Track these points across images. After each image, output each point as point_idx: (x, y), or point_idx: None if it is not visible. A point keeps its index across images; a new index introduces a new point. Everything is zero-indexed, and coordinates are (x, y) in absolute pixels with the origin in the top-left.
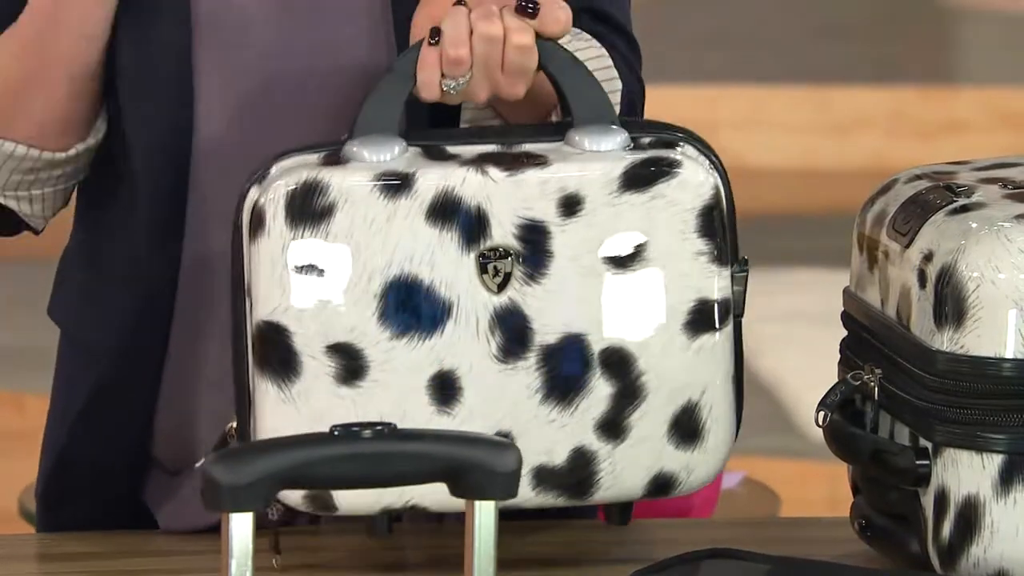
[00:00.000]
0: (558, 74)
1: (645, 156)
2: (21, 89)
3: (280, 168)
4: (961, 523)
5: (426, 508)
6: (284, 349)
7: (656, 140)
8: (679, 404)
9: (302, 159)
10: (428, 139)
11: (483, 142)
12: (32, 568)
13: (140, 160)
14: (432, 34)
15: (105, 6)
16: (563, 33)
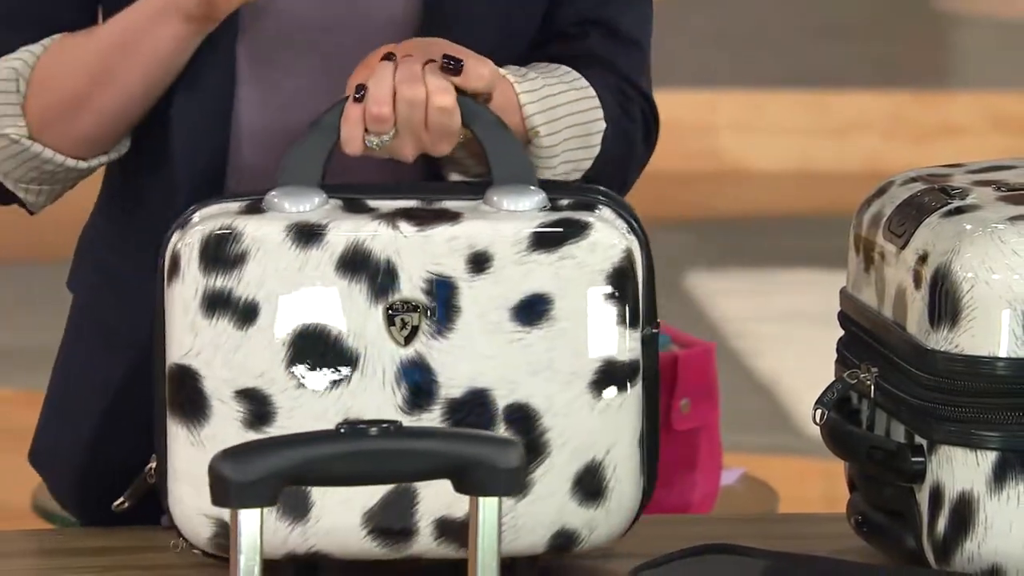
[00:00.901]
0: (480, 134)
1: (557, 217)
2: (76, 107)
3: (201, 215)
4: (956, 519)
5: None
6: (194, 392)
7: (574, 202)
8: (583, 462)
9: (224, 207)
10: (351, 192)
11: (404, 197)
12: (47, 563)
13: (181, 145)
14: (357, 90)
15: (195, 39)
16: (487, 89)
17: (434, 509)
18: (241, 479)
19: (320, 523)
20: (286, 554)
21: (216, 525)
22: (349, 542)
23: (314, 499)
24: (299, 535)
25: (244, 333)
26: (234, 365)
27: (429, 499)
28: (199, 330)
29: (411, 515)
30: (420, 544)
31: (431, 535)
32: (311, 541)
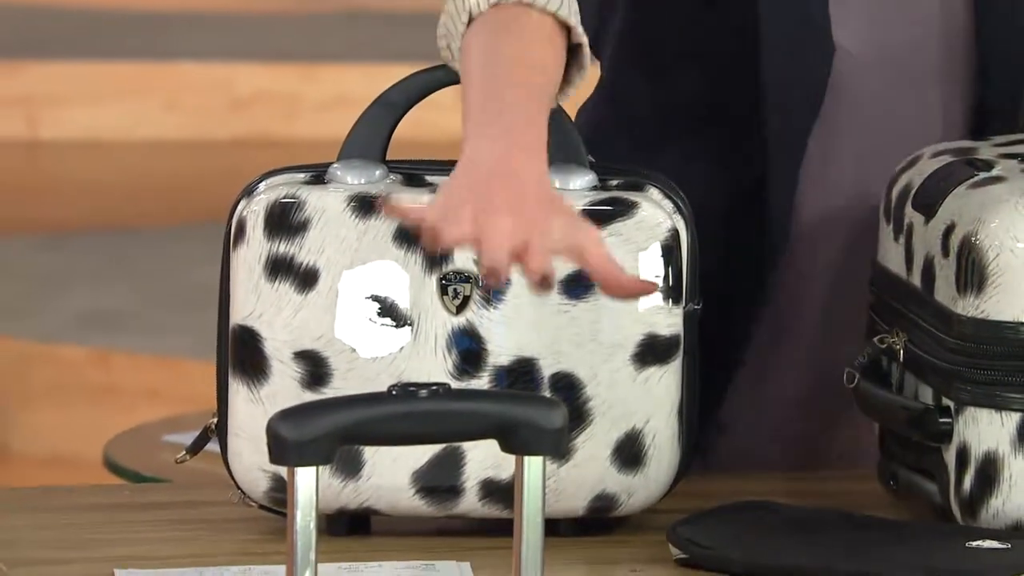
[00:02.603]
0: None
1: (606, 196)
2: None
3: (268, 183)
4: (981, 477)
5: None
6: (255, 352)
7: (624, 183)
8: (623, 431)
9: (290, 177)
10: (410, 167)
11: None
12: (116, 516)
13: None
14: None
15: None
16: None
17: (480, 470)
18: (298, 438)
19: (371, 480)
20: (339, 509)
21: (272, 480)
22: (398, 499)
23: (366, 458)
24: (351, 491)
25: (304, 297)
26: (294, 328)
27: (476, 460)
28: (261, 293)
29: (458, 475)
30: (466, 503)
31: (477, 495)
32: (362, 497)
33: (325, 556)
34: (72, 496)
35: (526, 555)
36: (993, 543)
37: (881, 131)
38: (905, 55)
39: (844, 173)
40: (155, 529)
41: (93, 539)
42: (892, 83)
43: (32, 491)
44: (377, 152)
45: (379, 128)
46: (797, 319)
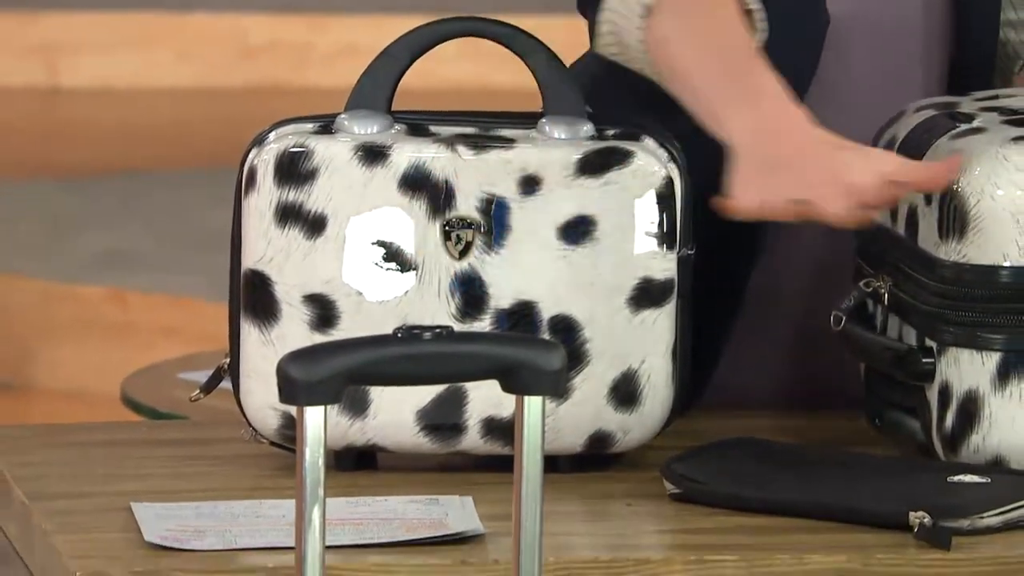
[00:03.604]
0: (534, 67)
1: (603, 145)
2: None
3: (277, 133)
4: (962, 415)
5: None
6: (266, 295)
7: (620, 132)
8: (619, 371)
9: (298, 127)
10: (415, 118)
11: (462, 124)
12: (131, 452)
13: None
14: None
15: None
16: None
17: (482, 408)
18: (307, 379)
19: (377, 419)
20: (346, 445)
21: (282, 417)
22: (403, 437)
23: (372, 397)
24: (358, 429)
25: (313, 243)
26: (303, 272)
27: (477, 399)
28: (272, 239)
29: (461, 413)
30: (468, 440)
31: (479, 432)
32: (369, 435)
33: (333, 491)
34: (90, 433)
35: (526, 490)
36: (974, 478)
37: (868, 89)
38: (889, 18)
39: (833, 129)
40: (169, 465)
41: (110, 474)
42: (878, 44)
43: (52, 427)
44: (383, 103)
45: (385, 80)
46: (788, 268)
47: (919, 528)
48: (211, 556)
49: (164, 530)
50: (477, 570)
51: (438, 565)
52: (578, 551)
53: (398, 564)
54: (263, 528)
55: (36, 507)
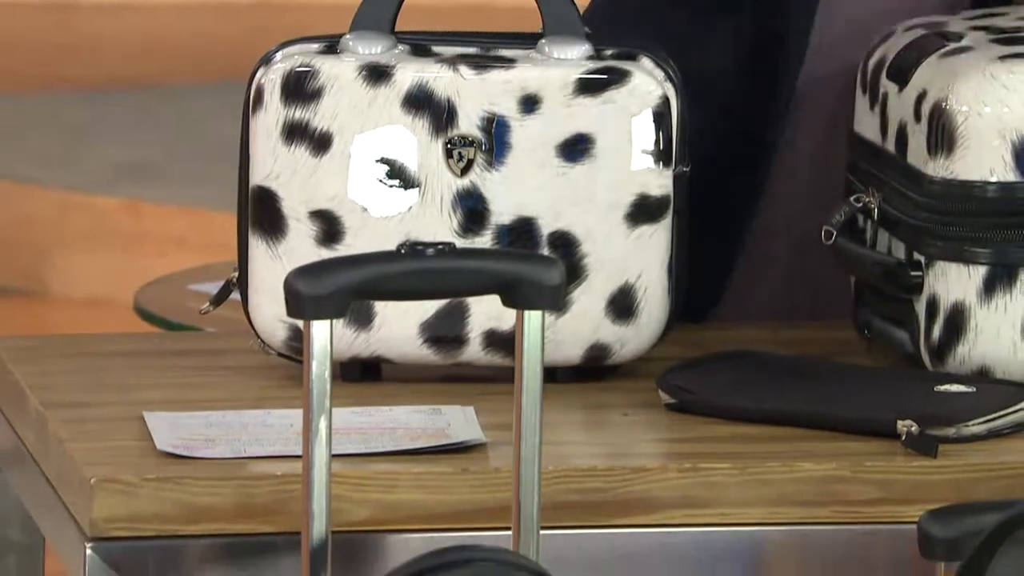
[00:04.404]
0: None
1: (600, 65)
2: None
3: (283, 53)
4: (950, 326)
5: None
6: (273, 211)
7: (617, 52)
8: (616, 285)
9: (304, 47)
10: (417, 38)
11: (464, 44)
12: (144, 363)
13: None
14: None
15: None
16: None
17: (483, 321)
18: (314, 294)
19: (382, 331)
20: (351, 357)
21: (290, 330)
22: (407, 348)
23: (377, 310)
24: (363, 341)
25: (318, 160)
26: (309, 188)
27: (479, 313)
28: (279, 156)
29: (463, 326)
30: (470, 352)
31: (480, 345)
32: (374, 347)
33: (339, 401)
34: (104, 344)
35: (526, 401)
36: (960, 387)
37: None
38: None
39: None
40: (181, 375)
41: (123, 384)
42: None
43: (67, 338)
44: (386, 24)
45: (389, 1)
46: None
47: (906, 436)
48: (221, 464)
49: (175, 438)
50: (478, 478)
51: (440, 473)
52: (576, 459)
53: (402, 472)
54: (271, 437)
55: (51, 415)
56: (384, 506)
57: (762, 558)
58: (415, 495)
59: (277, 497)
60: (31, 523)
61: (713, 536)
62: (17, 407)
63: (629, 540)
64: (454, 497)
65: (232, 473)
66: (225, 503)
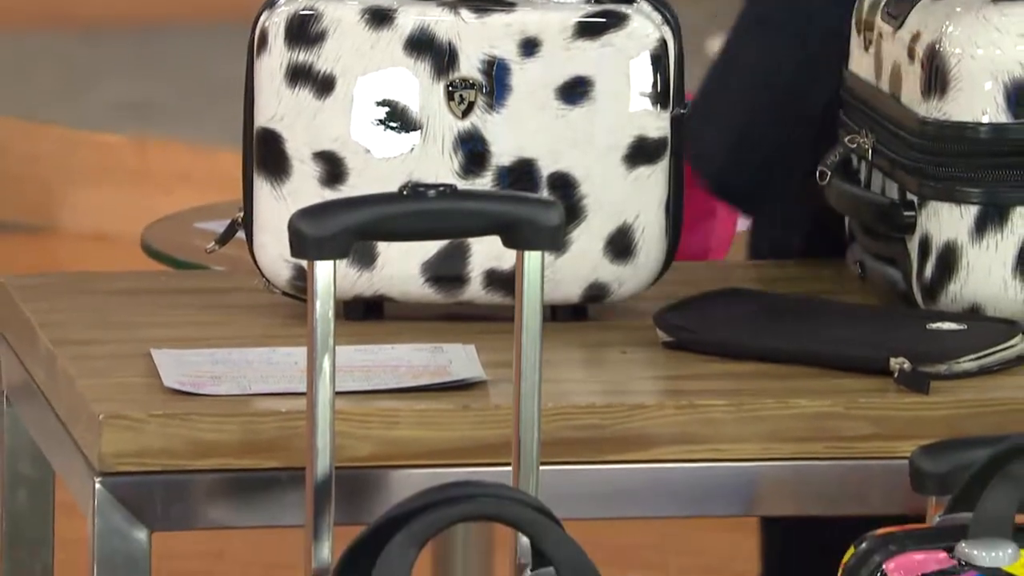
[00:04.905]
0: None
1: (599, 9)
2: None
3: None
4: (941, 265)
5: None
6: (277, 153)
7: None
8: (615, 225)
9: None
10: None
11: None
12: (153, 300)
13: None
14: None
15: None
16: None
17: (484, 261)
18: (317, 234)
19: (384, 270)
20: (354, 296)
21: (294, 269)
22: (409, 287)
23: (379, 250)
24: (366, 280)
25: (322, 102)
26: (312, 130)
27: (480, 252)
28: (283, 98)
29: (464, 266)
30: (471, 291)
31: (481, 284)
32: (376, 286)
33: (342, 339)
34: (112, 282)
35: (526, 339)
36: (951, 325)
37: None
38: None
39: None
40: (187, 313)
41: (131, 321)
42: None
43: (76, 276)
44: None
45: None
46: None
47: (899, 373)
48: (227, 400)
49: (182, 375)
50: (479, 415)
51: (442, 410)
52: (575, 397)
53: (404, 409)
54: (276, 374)
55: (61, 352)
56: (387, 442)
57: (757, 493)
58: (417, 431)
59: (282, 433)
60: (41, 457)
61: (709, 472)
62: (27, 344)
63: (627, 476)
64: (455, 433)
65: (238, 410)
66: (231, 439)
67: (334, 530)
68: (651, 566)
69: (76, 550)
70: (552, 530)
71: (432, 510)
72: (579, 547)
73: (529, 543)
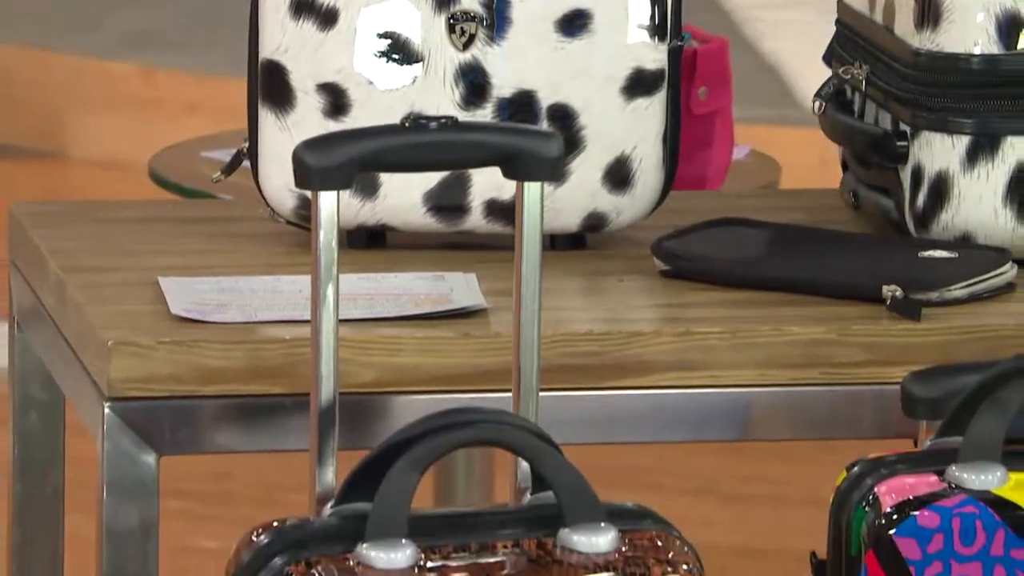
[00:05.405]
0: None
1: None
2: None
3: None
4: (933, 194)
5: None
6: (282, 84)
7: None
8: (613, 156)
9: None
10: None
11: None
12: (161, 229)
13: None
14: None
15: None
16: None
17: (485, 191)
18: (321, 165)
19: (387, 200)
20: (358, 225)
21: (298, 198)
22: (411, 217)
23: (382, 180)
24: (368, 210)
25: (325, 34)
26: (316, 62)
27: (481, 183)
28: (287, 30)
29: (465, 196)
30: (472, 220)
31: (482, 213)
32: (379, 215)
33: (346, 268)
34: (120, 210)
35: (526, 268)
36: (943, 253)
37: None
38: None
39: None
40: (194, 241)
41: (138, 249)
42: None
43: (85, 204)
44: None
45: None
46: None
47: (891, 300)
48: (232, 328)
49: (189, 303)
50: (480, 342)
51: (443, 337)
52: (574, 324)
53: (406, 336)
54: (281, 302)
55: (70, 279)
56: (389, 369)
57: (752, 418)
58: (419, 358)
59: (286, 360)
60: (52, 381)
61: (705, 397)
62: (37, 271)
63: (624, 401)
64: (456, 360)
65: (243, 337)
66: (236, 365)
67: (338, 455)
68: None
69: (86, 469)
70: (551, 455)
71: (434, 436)
72: (578, 471)
73: (529, 468)
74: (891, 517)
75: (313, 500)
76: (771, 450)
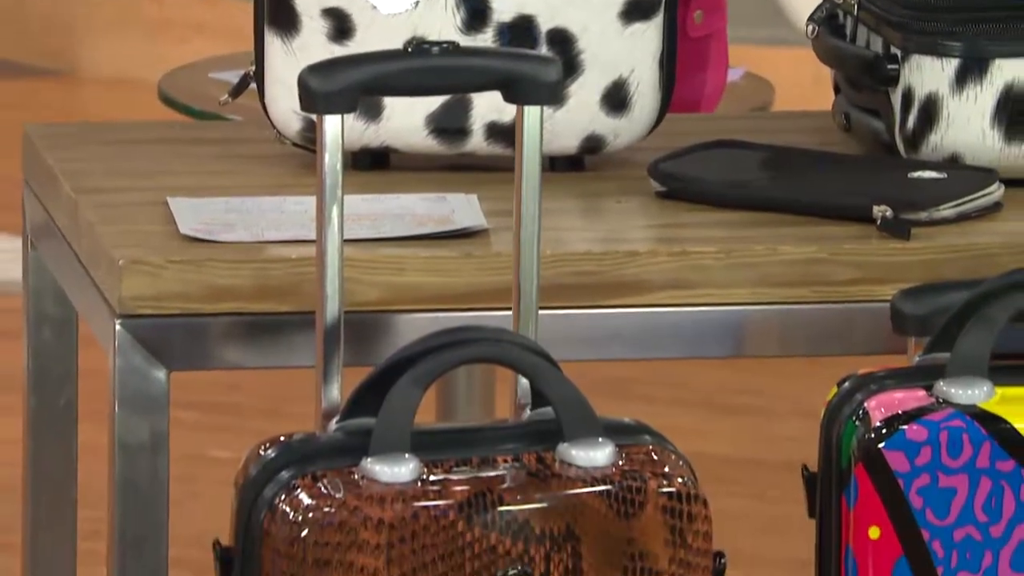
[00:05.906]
0: None
1: None
2: None
3: None
4: (923, 116)
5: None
6: (287, 8)
7: None
8: (611, 79)
9: None
10: None
11: None
12: (171, 149)
13: None
14: None
15: None
16: None
17: (486, 113)
18: (326, 89)
19: (390, 122)
20: (362, 147)
21: (304, 121)
22: (413, 139)
23: (385, 103)
24: (372, 132)
25: None
26: None
27: (482, 106)
28: None
29: (466, 118)
30: (473, 143)
31: (483, 135)
32: (382, 137)
33: (350, 189)
34: (131, 131)
35: (526, 189)
36: (932, 174)
37: None
38: None
39: None
40: (202, 162)
41: (148, 170)
42: None
43: (96, 125)
44: None
45: None
46: None
47: (881, 220)
48: (240, 247)
49: (198, 223)
50: (481, 261)
51: (446, 257)
52: (573, 244)
53: (409, 256)
54: (287, 223)
55: (82, 200)
56: (393, 287)
57: (745, 335)
58: (422, 277)
59: (293, 279)
60: (64, 297)
61: (700, 315)
62: (50, 190)
63: (621, 320)
64: (459, 279)
65: (251, 256)
66: (244, 284)
67: (343, 371)
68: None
69: (98, 380)
70: (550, 372)
71: (436, 353)
72: (576, 388)
73: (528, 384)
74: (880, 431)
75: (319, 415)
76: (763, 364)
